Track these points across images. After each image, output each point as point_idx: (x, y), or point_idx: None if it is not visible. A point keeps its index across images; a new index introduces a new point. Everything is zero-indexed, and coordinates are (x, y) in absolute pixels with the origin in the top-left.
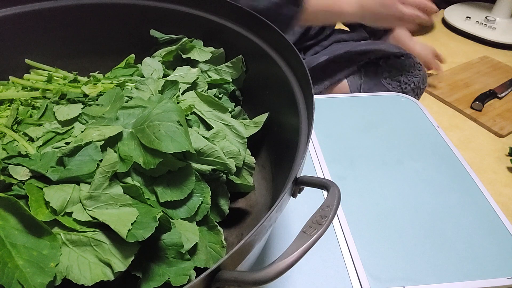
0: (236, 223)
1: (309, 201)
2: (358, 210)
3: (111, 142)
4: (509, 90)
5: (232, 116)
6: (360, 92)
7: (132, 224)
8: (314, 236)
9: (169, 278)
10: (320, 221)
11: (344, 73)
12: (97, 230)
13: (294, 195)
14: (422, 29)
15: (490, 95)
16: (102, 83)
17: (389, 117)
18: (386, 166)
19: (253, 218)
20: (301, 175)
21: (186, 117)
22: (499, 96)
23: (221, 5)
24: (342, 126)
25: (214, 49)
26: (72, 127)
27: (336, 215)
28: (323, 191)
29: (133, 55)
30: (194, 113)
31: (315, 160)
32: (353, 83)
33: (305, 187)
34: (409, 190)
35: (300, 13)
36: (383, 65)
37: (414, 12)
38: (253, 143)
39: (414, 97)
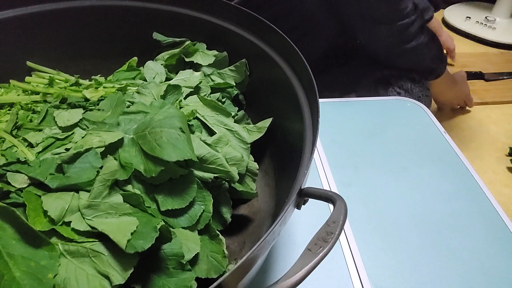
0: (239, 231)
1: (313, 208)
2: (363, 218)
3: (112, 148)
4: (501, 77)
5: (235, 121)
6: None
7: (132, 234)
8: (319, 255)
9: None
10: (326, 238)
11: (354, 86)
12: (96, 240)
13: (298, 206)
14: None
15: (475, 75)
16: (104, 87)
17: (395, 122)
18: (392, 173)
19: (255, 225)
20: (306, 185)
21: (189, 122)
22: (485, 78)
23: (225, 8)
24: (346, 131)
25: (217, 52)
26: (72, 133)
27: None
28: None
29: (135, 58)
30: (196, 118)
31: (319, 166)
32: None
33: None
34: (415, 197)
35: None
36: (393, 83)
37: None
38: (256, 149)
39: None
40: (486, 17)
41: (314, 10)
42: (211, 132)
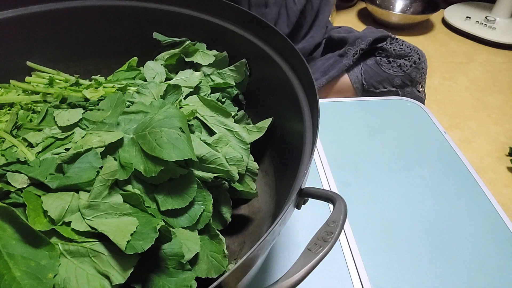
0: (239, 230)
1: (313, 208)
2: (363, 218)
3: (112, 148)
4: None
5: (235, 121)
6: (363, 83)
7: (131, 235)
8: (319, 255)
9: None
10: (326, 238)
11: (337, 68)
12: (96, 240)
13: (298, 206)
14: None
15: None
16: (104, 87)
17: (395, 122)
18: (392, 173)
19: (255, 225)
20: (306, 185)
21: (188, 122)
22: None
23: (225, 8)
24: (346, 130)
25: (217, 52)
26: (72, 133)
27: None
28: None
29: (135, 58)
30: (196, 118)
31: (319, 166)
32: (353, 74)
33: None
34: (415, 197)
35: None
36: (379, 53)
37: None
38: (256, 148)
39: (421, 76)
40: (486, 17)
41: None
42: (211, 132)
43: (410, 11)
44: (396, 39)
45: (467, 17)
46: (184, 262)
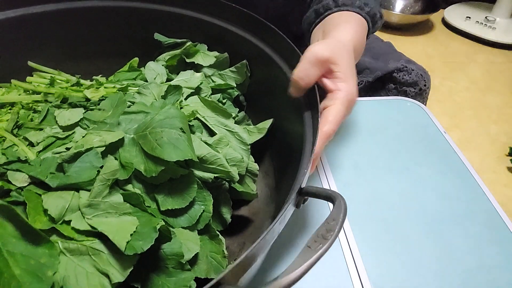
0: (239, 231)
1: (313, 208)
2: (363, 218)
3: (112, 148)
4: None
5: (235, 122)
6: None
7: (131, 234)
8: (319, 251)
9: None
10: (326, 236)
11: None
12: (96, 239)
13: (298, 205)
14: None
15: None
16: (105, 87)
17: (395, 122)
18: (392, 173)
19: (255, 226)
20: (306, 184)
21: (189, 123)
22: None
23: (226, 9)
24: (346, 130)
25: (218, 53)
26: (73, 132)
27: None
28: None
29: (136, 59)
30: (197, 118)
31: (319, 165)
32: (359, 95)
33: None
34: (416, 197)
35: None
36: (387, 81)
37: None
38: (257, 149)
39: (422, 100)
40: (486, 17)
41: None
42: (211, 133)
43: (410, 11)
44: (406, 68)
45: (467, 17)
46: (184, 262)
